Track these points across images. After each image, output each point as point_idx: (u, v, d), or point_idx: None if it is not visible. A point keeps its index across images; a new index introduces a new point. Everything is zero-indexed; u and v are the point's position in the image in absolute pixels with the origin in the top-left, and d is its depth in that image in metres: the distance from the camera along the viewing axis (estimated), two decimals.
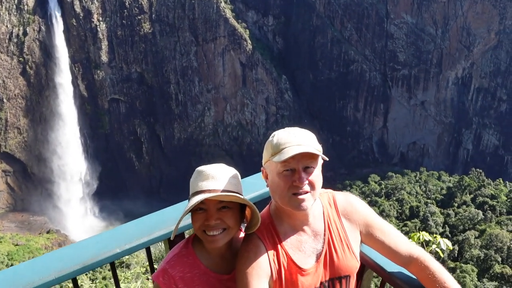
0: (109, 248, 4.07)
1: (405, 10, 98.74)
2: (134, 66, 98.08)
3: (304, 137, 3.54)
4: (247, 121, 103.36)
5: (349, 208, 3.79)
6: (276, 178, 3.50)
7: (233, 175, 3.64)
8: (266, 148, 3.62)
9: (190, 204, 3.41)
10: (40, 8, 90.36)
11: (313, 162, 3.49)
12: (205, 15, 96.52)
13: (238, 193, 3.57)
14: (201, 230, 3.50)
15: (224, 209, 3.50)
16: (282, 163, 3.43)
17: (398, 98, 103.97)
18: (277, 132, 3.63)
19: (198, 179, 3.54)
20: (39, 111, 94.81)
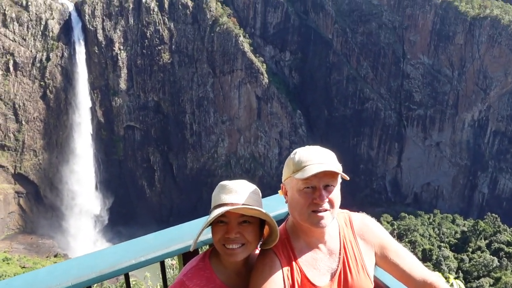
0: (125, 259, 4.11)
1: (422, 51, 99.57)
2: (152, 94, 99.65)
3: (325, 156, 3.65)
4: (260, 154, 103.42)
5: (365, 229, 3.84)
6: (296, 195, 3.55)
7: (255, 191, 3.71)
8: (287, 165, 3.68)
9: (212, 215, 3.44)
10: (64, 35, 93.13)
11: (334, 180, 3.57)
12: (224, 48, 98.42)
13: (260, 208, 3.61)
14: (221, 243, 3.51)
15: (245, 224, 3.52)
16: (303, 180, 3.49)
17: (413, 138, 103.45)
18: (299, 150, 3.71)
19: (221, 192, 3.60)
20: (56, 135, 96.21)
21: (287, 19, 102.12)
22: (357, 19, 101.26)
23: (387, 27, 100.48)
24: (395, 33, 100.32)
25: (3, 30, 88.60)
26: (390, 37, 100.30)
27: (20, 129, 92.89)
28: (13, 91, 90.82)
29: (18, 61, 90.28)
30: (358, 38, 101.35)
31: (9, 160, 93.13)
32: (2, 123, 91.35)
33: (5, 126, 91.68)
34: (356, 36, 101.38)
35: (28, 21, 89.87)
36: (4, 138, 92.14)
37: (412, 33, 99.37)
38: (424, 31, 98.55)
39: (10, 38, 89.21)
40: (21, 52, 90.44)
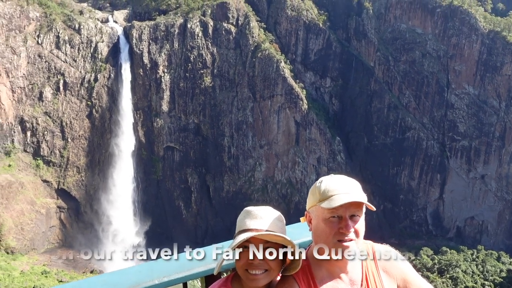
0: (149, 279, 4.13)
1: (467, 81, 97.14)
2: (192, 117, 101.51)
3: (352, 186, 3.64)
4: (297, 180, 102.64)
5: (389, 262, 3.78)
6: (322, 224, 3.59)
7: (279, 218, 3.75)
8: (313, 193, 3.73)
9: (237, 240, 3.49)
10: (112, 57, 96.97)
11: (360, 211, 3.59)
12: (265, 73, 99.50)
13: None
14: (244, 268, 3.51)
15: (268, 250, 3.55)
16: (329, 210, 3.53)
17: (456, 169, 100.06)
18: (324, 179, 3.75)
19: (246, 218, 3.68)
20: (98, 153, 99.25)
21: (329, 46, 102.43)
22: (400, 47, 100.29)
23: (431, 56, 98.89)
24: (439, 62, 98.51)
25: (56, 51, 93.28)
26: (434, 66, 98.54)
27: (65, 146, 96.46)
28: (62, 110, 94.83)
29: (68, 81, 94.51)
30: (400, 66, 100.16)
31: (53, 176, 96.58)
32: (50, 140, 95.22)
33: (52, 142, 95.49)
34: (399, 64, 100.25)
35: (79, 43, 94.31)
36: (50, 154, 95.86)
37: (457, 62, 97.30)
38: (470, 60, 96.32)
39: (62, 59, 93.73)
40: (71, 73, 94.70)
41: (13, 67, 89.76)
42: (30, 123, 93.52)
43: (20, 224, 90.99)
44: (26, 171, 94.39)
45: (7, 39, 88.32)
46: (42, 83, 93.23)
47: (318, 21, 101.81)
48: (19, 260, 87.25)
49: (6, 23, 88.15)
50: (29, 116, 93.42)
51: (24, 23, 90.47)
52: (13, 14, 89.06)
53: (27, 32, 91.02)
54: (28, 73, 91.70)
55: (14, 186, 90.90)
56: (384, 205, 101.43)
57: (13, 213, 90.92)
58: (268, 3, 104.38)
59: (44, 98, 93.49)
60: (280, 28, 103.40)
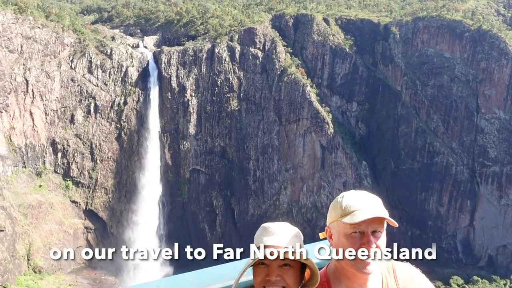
0: None
1: (498, 106, 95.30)
2: (218, 140, 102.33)
3: (373, 201, 3.67)
4: (323, 204, 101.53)
5: (409, 280, 3.77)
6: (343, 239, 3.58)
7: (296, 234, 3.75)
8: (334, 208, 3.70)
9: (255, 257, 3.58)
10: (141, 81, 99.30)
11: (381, 227, 3.61)
12: (291, 97, 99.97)
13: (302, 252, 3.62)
14: (261, 285, 3.59)
15: (286, 267, 3.56)
16: (351, 225, 3.54)
17: (487, 196, 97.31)
18: (346, 194, 3.75)
19: (263, 234, 3.71)
20: (126, 175, 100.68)
21: (355, 70, 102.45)
22: (428, 71, 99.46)
23: (459, 80, 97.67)
24: (468, 86, 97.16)
25: (88, 75, 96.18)
26: (463, 91, 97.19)
27: (94, 167, 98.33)
28: (92, 132, 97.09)
29: (99, 104, 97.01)
30: (428, 91, 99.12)
31: (81, 197, 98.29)
32: (79, 161, 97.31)
33: (82, 164, 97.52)
34: (426, 89, 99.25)
35: (110, 68, 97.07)
36: (79, 175, 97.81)
37: (487, 86, 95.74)
38: (500, 85, 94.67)
39: (93, 83, 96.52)
40: (102, 96, 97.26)
41: (47, 90, 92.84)
42: (61, 145, 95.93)
43: (48, 244, 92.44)
44: (55, 192, 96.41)
45: (42, 63, 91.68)
46: (74, 106, 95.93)
47: (345, 45, 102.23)
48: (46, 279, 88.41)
49: (42, 48, 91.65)
50: (60, 138, 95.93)
51: (59, 48, 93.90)
52: (49, 40, 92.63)
53: (61, 57, 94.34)
54: (61, 96, 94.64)
55: (44, 206, 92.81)
56: (412, 231, 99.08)
57: (42, 232, 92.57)
58: (294, 28, 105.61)
59: (75, 120, 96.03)
60: (306, 53, 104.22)
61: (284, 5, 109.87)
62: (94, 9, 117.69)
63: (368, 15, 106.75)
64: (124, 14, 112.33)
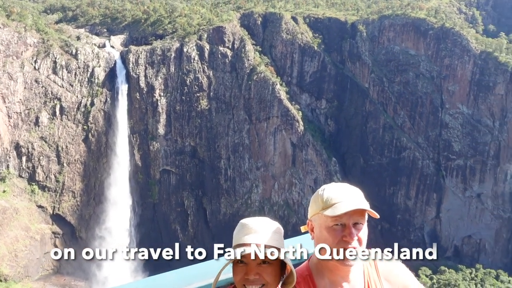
0: None
1: (461, 101, 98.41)
2: (189, 139, 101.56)
3: (354, 193, 3.73)
4: (294, 201, 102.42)
5: (390, 270, 3.86)
6: (325, 232, 3.60)
7: (276, 230, 3.76)
8: (315, 201, 3.74)
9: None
10: (108, 81, 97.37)
11: (363, 218, 3.68)
12: (260, 96, 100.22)
13: (279, 249, 3.62)
14: (241, 283, 3.56)
15: (264, 265, 3.53)
16: (332, 218, 3.55)
17: (452, 188, 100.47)
18: (327, 186, 3.78)
19: (242, 232, 3.66)
20: (94, 177, 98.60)
21: (324, 68, 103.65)
22: (394, 68, 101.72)
23: (424, 76, 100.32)
24: (433, 82, 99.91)
25: (53, 76, 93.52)
26: (428, 87, 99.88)
27: (61, 170, 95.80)
28: (58, 134, 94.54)
29: (65, 105, 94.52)
30: (395, 88, 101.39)
31: (48, 201, 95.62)
32: (45, 165, 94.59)
33: (47, 167, 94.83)
34: (393, 85, 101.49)
35: (76, 68, 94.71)
36: (45, 179, 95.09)
37: (450, 83, 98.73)
38: (463, 81, 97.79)
39: (58, 84, 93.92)
40: (68, 97, 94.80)
41: (10, 92, 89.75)
42: (26, 148, 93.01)
43: (14, 251, 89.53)
44: (21, 197, 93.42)
45: (4, 65, 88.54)
46: (39, 108, 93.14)
47: (313, 44, 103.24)
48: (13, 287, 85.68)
49: (4, 49, 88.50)
50: (24, 141, 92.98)
51: (21, 49, 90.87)
52: (11, 40, 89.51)
53: (24, 57, 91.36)
54: (24, 98, 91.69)
55: (9, 212, 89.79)
56: (381, 225, 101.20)
57: (7, 239, 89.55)
58: (263, 27, 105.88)
59: (40, 123, 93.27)
60: (275, 51, 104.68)
61: (253, 4, 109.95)
62: (58, 8, 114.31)
63: (335, 13, 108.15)
64: (89, 13, 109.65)
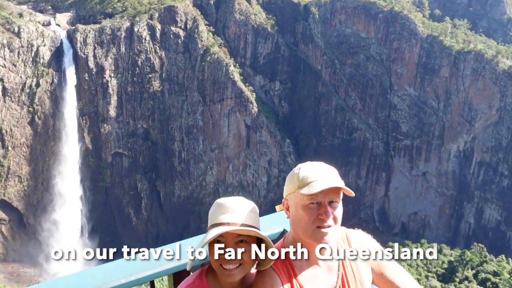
0: (115, 278, 4.08)
1: (408, 83, 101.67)
2: (141, 122, 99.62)
3: (330, 172, 3.76)
4: (249, 182, 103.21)
5: (363, 246, 3.90)
6: (301, 211, 3.59)
7: (252, 209, 3.71)
8: (291, 180, 3.73)
9: (209, 236, 3.47)
10: (55, 61, 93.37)
11: (338, 197, 3.72)
12: (214, 77, 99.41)
13: (257, 227, 3.63)
14: (218, 263, 3.52)
15: (242, 243, 3.53)
16: (308, 196, 3.55)
17: (400, 167, 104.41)
18: (302, 165, 3.80)
19: (218, 211, 3.60)
20: (42, 161, 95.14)
21: (277, 49, 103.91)
22: (346, 51, 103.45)
23: (374, 59, 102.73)
24: (382, 65, 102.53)
25: None
26: (377, 69, 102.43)
27: (5, 155, 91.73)
28: (1, 117, 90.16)
29: (8, 86, 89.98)
30: (346, 70, 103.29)
31: None
32: None
33: None
34: (345, 68, 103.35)
35: (19, 47, 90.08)
36: None
37: (399, 65, 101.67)
38: (411, 64, 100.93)
39: (0, 64, 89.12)
40: (11, 78, 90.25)
41: None
42: None
43: None
44: None
45: None
46: None
47: (266, 25, 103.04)
48: None
49: None
50: None
51: None
52: None
53: None
54: None
55: None
56: None
57: None
58: (216, 7, 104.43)
59: None
60: (228, 32, 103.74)
61: None
62: None
63: None
64: None
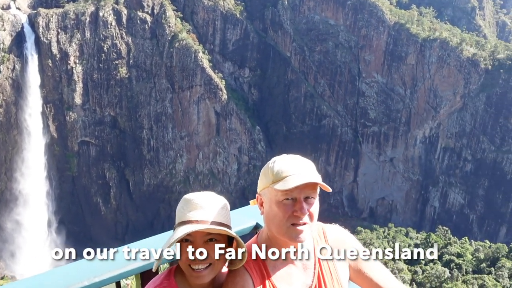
0: (77, 281, 3.84)
1: (376, 70, 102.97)
2: (108, 109, 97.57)
3: (306, 166, 3.50)
4: (219, 170, 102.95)
5: (340, 241, 3.68)
6: (275, 207, 3.36)
7: (223, 206, 3.51)
8: (265, 174, 3.47)
9: (177, 235, 3.24)
10: (16, 47, 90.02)
11: (314, 192, 3.42)
12: (183, 64, 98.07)
13: (227, 225, 3.41)
14: (187, 263, 3.30)
15: (211, 242, 3.32)
16: (283, 192, 3.31)
17: (368, 154, 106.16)
18: (277, 158, 3.52)
19: (186, 208, 3.37)
20: (5, 150, 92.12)
21: (246, 36, 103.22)
22: (315, 38, 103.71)
23: (343, 46, 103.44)
24: (351, 52, 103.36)
25: None
26: (346, 56, 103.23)
27: None
28: None
29: None
30: (315, 57, 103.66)
31: None
32: None
33: None
34: (314, 55, 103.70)
35: None
36: None
37: (367, 52, 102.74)
38: (378, 51, 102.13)
39: None
40: None
41: None
42: None
43: None
44: None
45: None
46: None
47: (235, 11, 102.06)
48: None
49: None
50: None
51: None
52: None
53: None
54: None
55: None
56: None
57: None
58: None
59: None
60: (197, 18, 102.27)
61: None
62: None
63: None
64: None
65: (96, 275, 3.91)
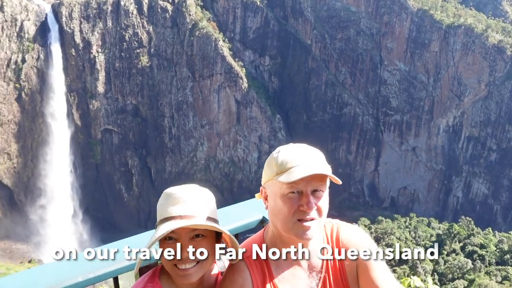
0: (71, 276, 3.64)
1: (398, 58, 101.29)
2: (130, 98, 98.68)
3: (314, 156, 3.13)
4: (239, 158, 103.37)
5: (353, 243, 3.31)
6: (279, 201, 3.04)
7: (208, 198, 3.17)
8: (269, 165, 3.13)
9: (158, 233, 2.97)
10: (40, 36, 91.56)
11: (323, 185, 3.09)
12: (203, 52, 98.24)
13: (215, 219, 3.10)
14: (172, 263, 3.00)
15: (198, 238, 3.01)
16: (288, 184, 2.98)
17: (390, 142, 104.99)
18: (282, 148, 3.17)
19: (167, 203, 3.12)
20: (31, 138, 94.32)
21: (267, 24, 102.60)
22: (336, 25, 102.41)
23: (365, 33, 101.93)
24: (372, 39, 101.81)
25: None
26: (368, 44, 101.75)
27: None
28: None
29: None
30: (336, 44, 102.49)
31: None
32: None
33: None
34: (335, 42, 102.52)
35: (3, 22, 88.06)
36: None
37: (389, 40, 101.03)
38: (401, 38, 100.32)
39: None
40: None
41: None
42: None
43: None
44: None
45: None
46: None
47: None
48: None
49: None
50: None
51: None
52: None
53: None
54: None
55: None
56: None
57: None
58: None
59: None
60: (217, 6, 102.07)
61: None
62: None
63: None
64: None
65: (91, 270, 3.74)
